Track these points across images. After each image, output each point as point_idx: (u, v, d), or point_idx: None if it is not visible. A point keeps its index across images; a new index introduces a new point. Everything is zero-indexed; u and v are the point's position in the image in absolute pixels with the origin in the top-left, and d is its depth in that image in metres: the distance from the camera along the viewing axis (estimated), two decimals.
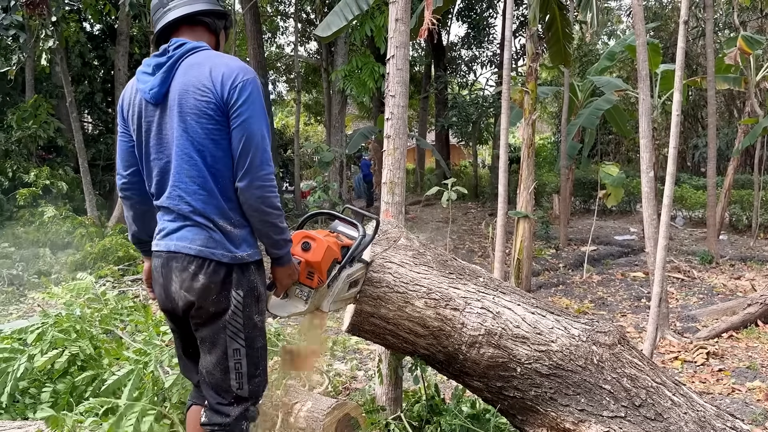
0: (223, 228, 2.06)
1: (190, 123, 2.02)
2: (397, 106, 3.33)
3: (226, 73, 2.01)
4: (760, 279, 8.29)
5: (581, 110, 12.22)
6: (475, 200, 19.09)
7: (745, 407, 4.22)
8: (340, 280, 2.36)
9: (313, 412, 3.34)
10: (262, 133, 2.04)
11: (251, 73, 2.06)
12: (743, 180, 14.73)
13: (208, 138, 2.02)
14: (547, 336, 2.54)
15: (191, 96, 2.02)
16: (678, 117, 4.61)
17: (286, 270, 2.21)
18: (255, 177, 2.02)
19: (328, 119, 16.79)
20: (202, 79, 2.01)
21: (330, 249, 2.29)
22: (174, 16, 2.13)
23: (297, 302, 2.32)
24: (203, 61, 2.06)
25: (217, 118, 2.01)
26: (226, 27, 2.29)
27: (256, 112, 2.03)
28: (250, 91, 2.02)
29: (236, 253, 2.07)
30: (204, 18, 2.17)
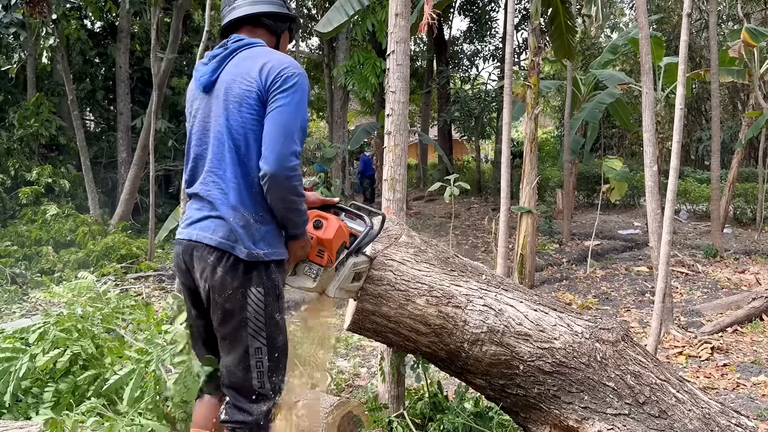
0: (247, 222, 2.06)
1: (232, 111, 2.06)
2: (397, 102, 3.30)
3: (275, 65, 2.05)
4: (764, 273, 8.25)
5: (584, 104, 12.16)
6: (478, 195, 19.05)
7: (750, 402, 4.20)
8: (347, 267, 2.39)
9: (316, 410, 3.33)
10: (296, 124, 2.03)
11: (300, 70, 2.08)
12: (747, 173, 14.67)
13: (246, 127, 2.04)
14: (549, 333, 2.52)
15: (237, 85, 2.06)
16: (681, 110, 4.57)
17: (299, 243, 2.22)
18: (284, 167, 2.00)
19: (330, 115, 16.75)
20: (251, 70, 2.05)
21: (341, 230, 2.32)
22: (236, 15, 2.21)
23: (305, 279, 2.34)
24: (257, 55, 2.10)
25: (257, 107, 2.04)
26: (291, 29, 2.33)
27: (295, 102, 2.04)
28: (294, 82, 2.04)
29: (254, 250, 2.06)
30: (265, 20, 2.23)
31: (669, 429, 2.43)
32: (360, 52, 13.13)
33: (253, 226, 2.07)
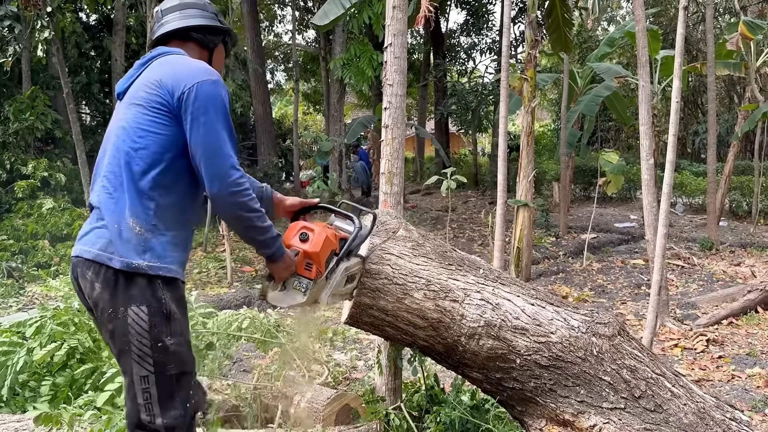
0: (131, 230, 1.90)
1: (134, 113, 1.97)
2: (395, 95, 3.29)
3: (183, 77, 1.95)
4: (760, 265, 8.29)
5: (581, 97, 12.16)
6: (474, 189, 19.05)
7: (744, 394, 4.23)
8: (338, 273, 2.31)
9: (313, 403, 3.35)
10: (221, 137, 1.92)
11: (211, 76, 1.98)
12: (743, 166, 14.69)
13: (144, 130, 1.94)
14: (546, 327, 2.53)
15: (143, 90, 1.99)
16: (678, 103, 4.58)
17: (280, 265, 2.13)
18: (224, 185, 1.90)
19: (327, 108, 16.73)
20: (159, 77, 1.98)
21: (328, 240, 2.24)
22: (164, 30, 2.15)
23: (295, 294, 2.26)
24: (168, 63, 2.04)
25: (162, 114, 1.94)
26: (225, 42, 2.27)
27: (212, 115, 1.92)
28: (205, 94, 1.93)
29: (133, 260, 1.89)
30: (194, 34, 2.17)
31: (664, 423, 2.44)
32: (357, 45, 13.10)
33: (141, 235, 1.91)
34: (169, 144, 1.95)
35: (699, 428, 2.46)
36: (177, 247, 2.00)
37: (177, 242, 2.00)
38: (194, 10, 2.19)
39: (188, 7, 2.20)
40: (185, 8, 2.19)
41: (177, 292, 1.99)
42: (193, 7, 2.20)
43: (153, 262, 1.92)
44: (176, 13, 2.17)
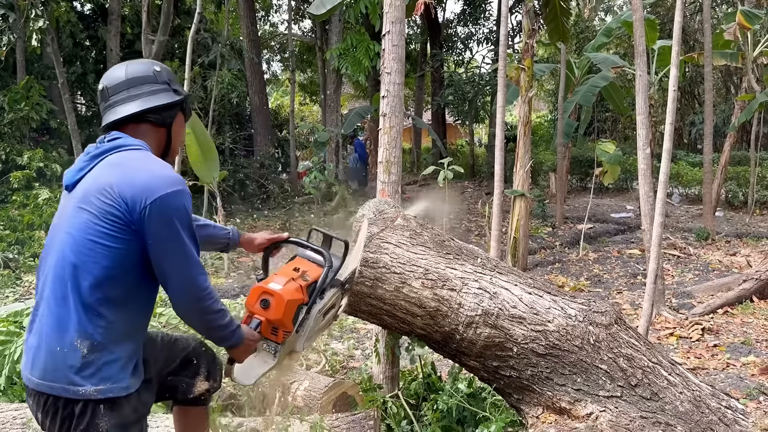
0: (77, 352, 1.75)
1: (83, 222, 1.78)
2: (393, 83, 3.29)
3: (143, 184, 1.76)
4: (755, 255, 8.32)
5: (578, 87, 12.13)
6: (471, 180, 19.06)
7: (739, 382, 4.26)
8: (310, 319, 2.18)
9: (311, 391, 3.36)
10: (188, 251, 1.81)
11: (172, 186, 1.78)
12: (740, 156, 14.71)
13: (95, 245, 1.76)
14: (543, 316, 2.54)
15: (97, 196, 1.78)
16: (675, 92, 4.58)
17: (240, 349, 2.03)
18: (192, 299, 1.83)
19: (324, 99, 16.66)
20: (114, 185, 1.77)
21: (291, 302, 2.09)
22: (113, 118, 1.92)
23: (265, 357, 2.15)
24: (123, 163, 1.83)
25: (119, 226, 1.76)
26: (184, 110, 2.06)
27: (178, 229, 1.78)
28: (170, 208, 1.77)
29: (80, 387, 1.74)
30: (150, 116, 1.94)
31: (660, 411, 2.47)
32: (353, 35, 13.05)
33: (86, 357, 1.75)
34: (122, 258, 1.78)
35: (695, 416, 2.49)
36: (130, 360, 1.85)
37: (130, 355, 1.85)
38: (145, 86, 1.94)
39: (136, 83, 1.94)
40: (133, 85, 1.93)
41: (121, 414, 1.82)
42: (142, 82, 1.94)
43: (100, 385, 1.76)
44: (123, 93, 1.92)
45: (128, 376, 1.83)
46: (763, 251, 8.40)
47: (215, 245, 2.35)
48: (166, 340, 2.17)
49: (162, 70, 2.00)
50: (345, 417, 2.76)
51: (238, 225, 12.43)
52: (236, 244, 2.36)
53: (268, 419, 2.72)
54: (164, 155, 2.00)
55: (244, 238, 2.37)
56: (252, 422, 2.59)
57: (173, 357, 2.15)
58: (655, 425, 2.43)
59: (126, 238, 1.77)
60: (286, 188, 15.92)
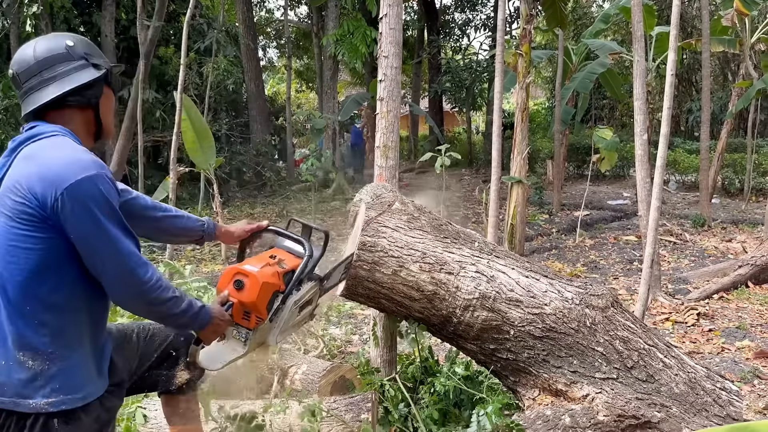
0: (22, 365, 1.62)
1: (3, 225, 1.63)
2: (390, 67, 3.27)
3: (52, 180, 1.59)
4: (751, 241, 8.35)
5: (575, 74, 12.11)
6: (468, 167, 19.06)
7: (734, 365, 4.29)
8: (285, 310, 2.06)
9: (309, 375, 3.38)
10: (115, 238, 1.63)
11: (85, 171, 1.60)
12: (736, 143, 14.73)
13: (17, 250, 1.61)
14: (540, 299, 2.56)
15: (9, 194, 1.62)
16: (672, 77, 4.57)
17: (206, 331, 1.89)
18: (130, 290, 1.68)
19: (320, 86, 16.60)
20: (24, 180, 1.61)
21: (266, 284, 1.97)
22: (29, 107, 1.73)
23: (235, 344, 2.02)
24: (33, 155, 1.66)
25: (37, 225, 1.60)
26: (109, 83, 1.85)
27: (98, 216, 1.61)
28: (84, 195, 1.59)
29: (30, 400, 1.61)
30: (69, 99, 1.74)
31: (656, 393, 2.49)
32: (350, 21, 12.98)
33: (33, 369, 1.62)
34: (52, 257, 1.63)
35: (690, 397, 2.51)
36: (86, 365, 1.71)
37: (85, 359, 1.71)
38: (58, 66, 1.73)
39: (48, 64, 1.73)
40: (45, 67, 1.72)
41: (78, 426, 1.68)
42: (54, 62, 1.73)
43: (51, 397, 1.62)
44: (35, 78, 1.72)
45: (85, 384, 1.69)
46: (758, 237, 8.43)
47: (189, 237, 2.20)
48: (142, 336, 2.06)
49: (76, 44, 1.78)
50: (343, 400, 2.78)
51: (235, 211, 12.43)
52: (212, 237, 2.22)
53: (266, 402, 2.74)
54: (97, 137, 1.85)
55: (220, 231, 2.23)
56: (250, 405, 2.60)
57: (150, 352, 2.06)
58: (651, 407, 2.45)
59: (44, 236, 1.61)
60: (282, 175, 15.89)
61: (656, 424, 2.40)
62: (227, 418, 2.39)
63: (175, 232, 2.15)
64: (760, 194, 12.12)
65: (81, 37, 1.85)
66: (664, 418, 2.42)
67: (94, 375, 1.73)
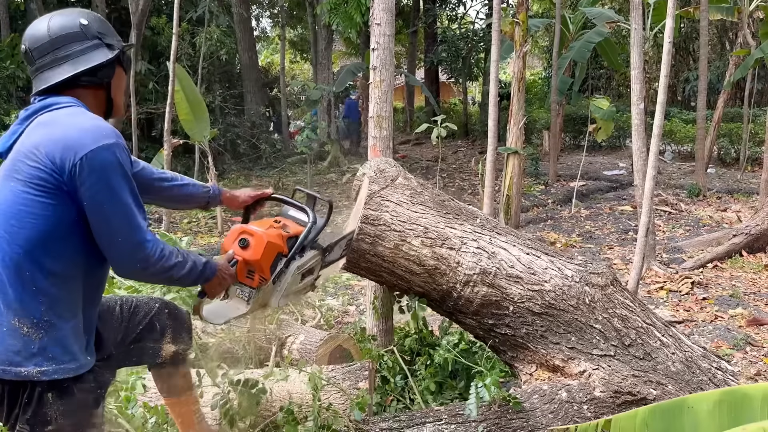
0: (17, 332, 1.61)
1: (12, 191, 1.63)
2: (383, 35, 3.23)
3: (69, 146, 1.60)
4: (745, 210, 8.40)
5: (572, 43, 12.00)
6: (464, 138, 18.99)
7: (727, 333, 4.35)
8: (288, 274, 2.09)
9: (306, 345, 3.41)
10: (128, 210, 1.66)
11: (102, 140, 1.63)
12: (733, 113, 14.68)
13: (27, 214, 1.61)
14: (540, 276, 2.57)
15: (24, 160, 1.63)
16: (670, 44, 4.53)
17: (213, 282, 1.91)
18: (137, 265, 1.69)
19: (315, 56, 16.41)
20: (40, 146, 1.62)
21: (271, 244, 2.01)
22: (41, 85, 1.73)
23: (238, 303, 2.06)
24: (50, 122, 1.67)
25: (50, 191, 1.61)
26: (122, 63, 1.85)
27: (114, 185, 1.63)
28: (97, 163, 1.61)
29: (21, 368, 1.60)
30: (82, 79, 1.74)
31: (652, 370, 2.52)
32: None
33: (29, 336, 1.62)
34: (59, 225, 1.63)
35: (686, 376, 2.55)
36: (78, 336, 1.71)
37: (78, 331, 1.71)
38: (73, 44, 1.73)
39: (62, 43, 1.72)
40: (58, 45, 1.72)
41: (71, 399, 1.68)
42: (69, 40, 1.73)
43: (44, 366, 1.62)
44: (48, 55, 1.72)
45: (78, 355, 1.69)
46: (753, 207, 8.47)
47: (195, 203, 2.23)
48: (125, 309, 2.05)
49: (91, 23, 1.77)
50: (341, 368, 2.81)
51: (230, 184, 12.38)
52: (217, 202, 2.25)
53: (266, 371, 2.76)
54: (107, 115, 1.85)
55: (225, 196, 2.26)
56: (250, 374, 2.63)
57: (135, 325, 2.04)
58: (647, 384, 2.49)
59: (56, 203, 1.62)
60: (278, 148, 15.81)
61: (652, 401, 2.43)
62: (230, 383, 2.42)
63: (182, 199, 2.18)
64: (756, 164, 12.11)
65: (95, 14, 1.84)
66: (660, 396, 2.46)
67: (84, 348, 1.73)
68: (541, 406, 2.50)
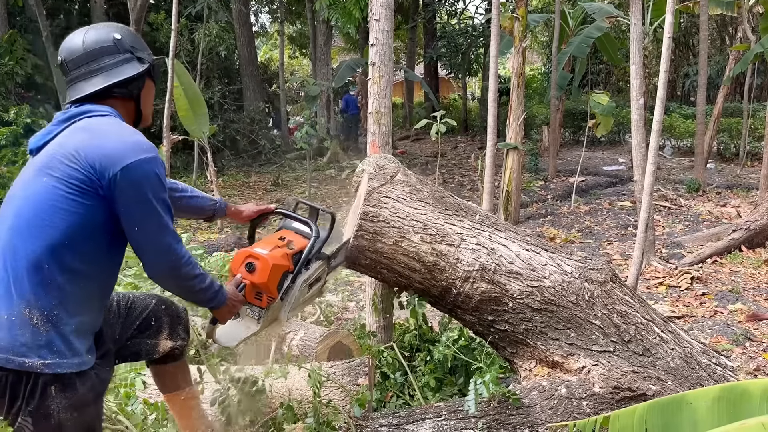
0: (27, 322, 1.63)
1: (44, 186, 1.68)
2: (381, 30, 3.22)
3: (112, 156, 1.67)
4: (745, 206, 8.40)
5: (572, 38, 11.97)
6: (464, 134, 18.98)
7: (726, 328, 4.36)
8: (295, 288, 2.17)
9: (306, 341, 3.42)
10: (162, 220, 1.74)
11: (146, 151, 1.71)
12: (732, 108, 14.66)
13: (56, 210, 1.66)
14: (540, 272, 2.57)
15: (61, 161, 1.68)
16: (669, 39, 4.52)
17: (222, 310, 1.99)
18: (166, 267, 1.78)
19: (314, 52, 16.37)
20: (80, 147, 1.68)
21: (276, 267, 2.08)
22: (75, 95, 1.81)
23: (249, 322, 2.13)
24: (92, 129, 1.74)
25: (85, 191, 1.67)
26: (152, 76, 1.94)
27: (151, 196, 1.70)
28: (141, 175, 1.69)
29: (26, 359, 1.62)
30: (114, 90, 1.82)
31: (651, 366, 2.52)
32: None
33: (37, 328, 1.64)
34: (87, 224, 1.69)
35: (685, 372, 2.55)
36: (84, 333, 1.74)
37: (84, 328, 1.75)
38: (106, 57, 1.81)
39: (96, 56, 1.81)
40: (93, 58, 1.80)
41: (74, 393, 1.70)
42: (102, 54, 1.81)
43: (48, 359, 1.64)
44: (83, 67, 1.80)
45: (81, 351, 1.71)
46: (752, 202, 8.47)
47: (202, 215, 2.29)
48: (122, 305, 2.08)
49: (124, 37, 1.85)
50: (341, 364, 2.81)
51: (230, 180, 12.38)
52: (223, 215, 2.32)
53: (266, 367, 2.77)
54: (136, 124, 1.92)
55: (230, 210, 2.32)
56: (251, 370, 2.63)
57: (131, 321, 2.07)
58: (646, 380, 2.49)
59: (89, 203, 1.68)
60: (277, 144, 15.78)
61: (651, 396, 2.43)
62: (231, 380, 2.42)
63: (190, 210, 2.24)
64: (755, 159, 12.11)
65: (128, 29, 1.93)
66: (659, 391, 2.46)
67: (88, 345, 1.76)
68: (541, 401, 2.50)
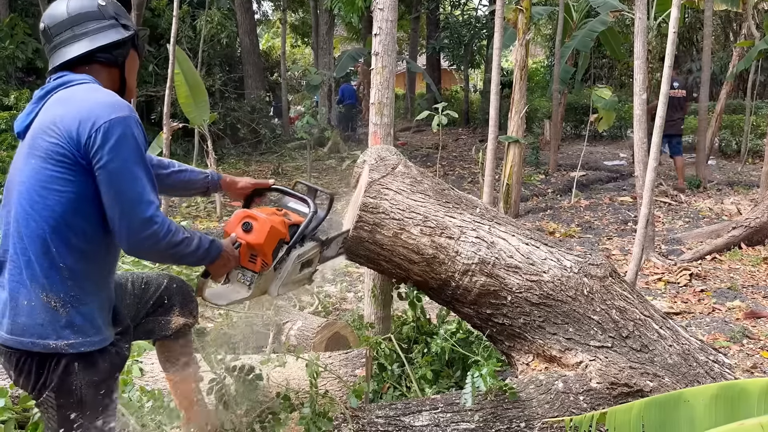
0: (45, 306, 1.67)
1: (33, 169, 1.68)
2: (385, 20, 3.20)
3: (87, 116, 1.65)
4: (745, 203, 8.38)
5: (576, 32, 11.90)
6: (465, 126, 18.92)
7: (724, 325, 4.36)
8: (289, 262, 2.11)
9: (304, 331, 3.42)
10: (139, 184, 1.68)
11: (119, 112, 1.68)
12: (735, 105, 14.62)
13: (48, 188, 1.66)
14: (539, 266, 2.57)
15: (42, 136, 1.68)
16: (674, 35, 4.49)
17: (218, 263, 1.92)
18: (137, 240, 1.70)
19: (316, 41, 16.31)
20: (58, 120, 1.67)
21: (274, 229, 2.03)
22: (58, 60, 1.79)
23: (239, 287, 2.09)
24: (68, 100, 1.72)
25: (68, 165, 1.66)
26: (136, 46, 1.91)
27: (124, 157, 1.66)
28: (115, 134, 1.64)
29: (51, 341, 1.67)
30: (99, 55, 1.81)
31: (649, 363, 2.52)
32: None
33: (57, 311, 1.68)
34: (79, 200, 1.68)
35: (682, 368, 2.55)
36: (102, 310, 1.78)
37: (101, 305, 1.78)
38: (90, 23, 1.80)
39: (80, 21, 1.79)
40: (76, 23, 1.79)
41: (96, 370, 1.75)
42: (86, 19, 1.80)
43: (71, 339, 1.69)
44: (67, 32, 1.78)
45: (102, 328, 1.76)
46: (753, 199, 8.46)
47: (195, 190, 2.24)
48: (137, 285, 2.09)
49: (108, 4, 1.84)
50: (338, 355, 2.81)
51: (230, 168, 12.35)
52: (217, 188, 2.25)
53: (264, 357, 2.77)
54: (120, 95, 1.86)
55: (225, 181, 2.25)
56: (248, 359, 2.63)
57: (146, 300, 2.09)
58: (644, 376, 2.49)
59: (75, 179, 1.66)
60: (278, 133, 15.74)
61: (648, 393, 2.44)
62: (227, 369, 2.42)
63: (181, 186, 2.19)
64: (757, 156, 12.08)
65: None
66: (657, 388, 2.46)
67: (107, 321, 1.81)
68: (537, 396, 2.50)
